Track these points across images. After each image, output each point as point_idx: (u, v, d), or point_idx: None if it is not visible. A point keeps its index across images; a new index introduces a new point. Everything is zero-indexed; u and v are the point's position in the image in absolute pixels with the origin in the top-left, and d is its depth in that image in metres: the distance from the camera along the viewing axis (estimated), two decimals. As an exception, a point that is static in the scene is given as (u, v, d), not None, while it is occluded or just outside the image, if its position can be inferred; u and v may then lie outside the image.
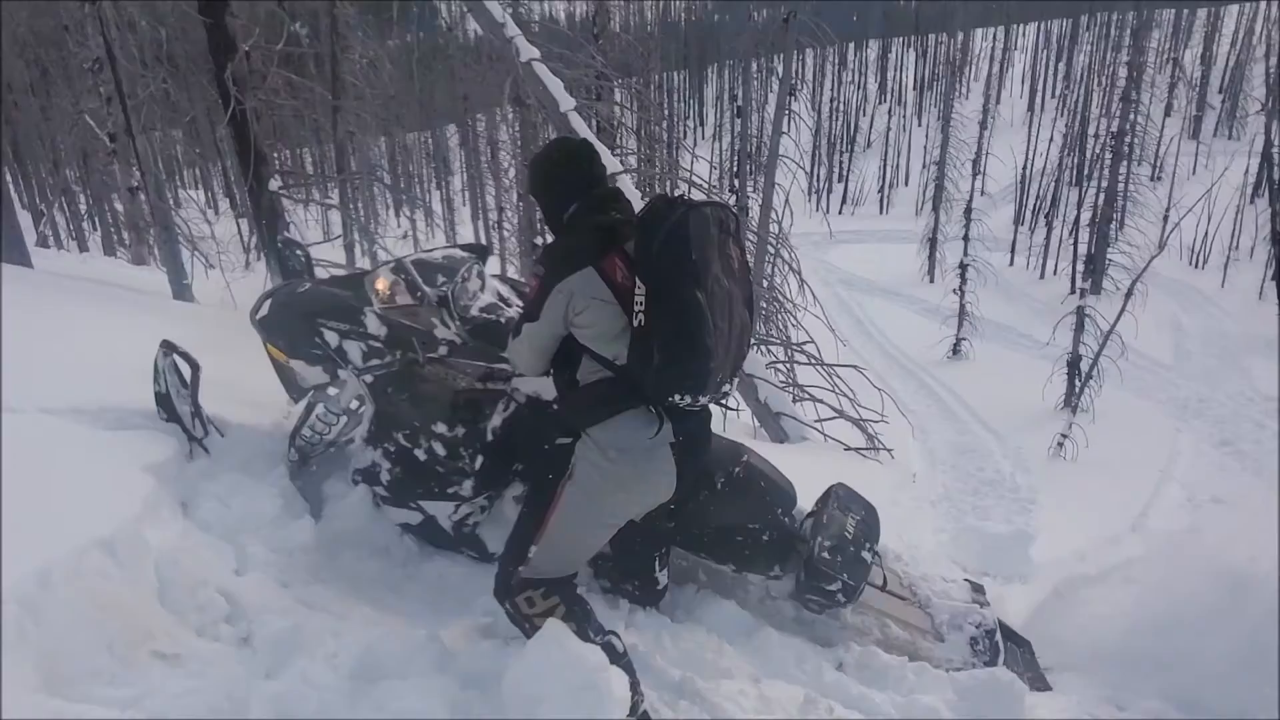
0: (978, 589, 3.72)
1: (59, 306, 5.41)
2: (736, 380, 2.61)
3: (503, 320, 3.21)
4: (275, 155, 9.75)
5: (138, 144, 9.34)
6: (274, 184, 8.11)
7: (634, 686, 2.50)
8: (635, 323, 2.36)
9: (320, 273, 4.07)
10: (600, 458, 2.53)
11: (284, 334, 3.30)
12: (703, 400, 2.49)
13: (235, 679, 2.23)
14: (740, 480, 3.21)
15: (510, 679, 2.39)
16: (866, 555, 3.24)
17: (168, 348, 3.19)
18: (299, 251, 3.83)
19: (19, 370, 3.46)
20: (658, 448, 2.53)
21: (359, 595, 3.00)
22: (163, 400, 3.22)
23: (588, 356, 2.54)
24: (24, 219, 11.37)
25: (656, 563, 3.08)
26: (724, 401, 2.75)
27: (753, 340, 8.31)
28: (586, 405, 2.56)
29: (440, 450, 3.06)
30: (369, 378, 3.12)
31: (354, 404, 3.26)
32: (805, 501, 3.48)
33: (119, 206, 14.74)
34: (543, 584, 2.64)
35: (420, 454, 3.07)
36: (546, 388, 2.94)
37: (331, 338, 3.15)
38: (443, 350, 3.11)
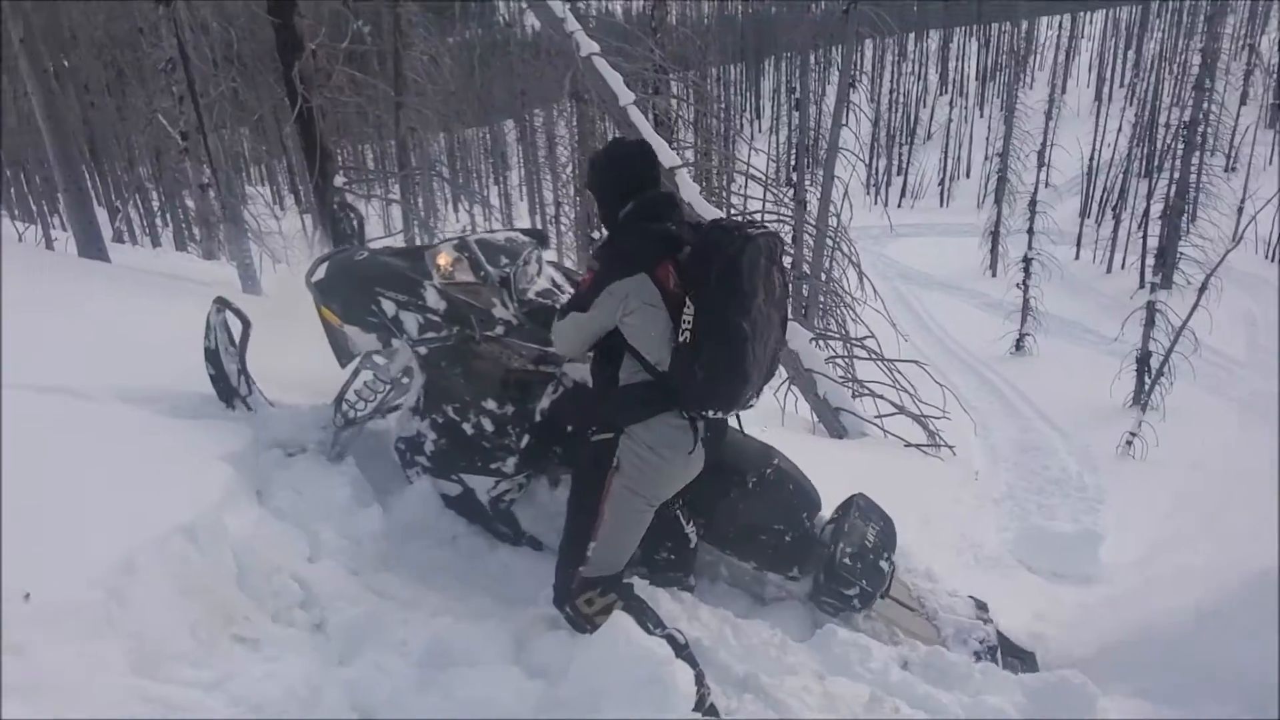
0: (981, 606, 3.74)
1: (135, 299, 5.59)
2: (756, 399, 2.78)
3: (557, 306, 3.21)
4: (339, 152, 9.93)
5: (209, 142, 9.59)
6: (339, 180, 8.27)
7: (699, 679, 2.52)
8: (681, 339, 2.51)
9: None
10: (647, 452, 2.66)
11: (340, 298, 3.29)
12: (731, 413, 2.69)
13: (311, 665, 2.28)
14: (770, 482, 3.27)
15: (576, 671, 2.41)
16: (884, 565, 3.30)
17: (221, 303, 3.26)
18: (352, 215, 3.91)
19: (99, 361, 3.59)
20: (692, 451, 2.70)
21: (427, 584, 3.04)
22: (211, 355, 3.28)
23: (630, 357, 2.67)
24: (100, 215, 11.75)
25: (681, 516, 3.14)
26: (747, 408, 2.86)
27: (811, 336, 8.27)
28: (626, 404, 2.68)
29: (488, 426, 3.11)
30: (423, 349, 3.15)
31: (401, 374, 3.31)
32: (827, 507, 3.52)
33: (190, 203, 15.14)
34: (599, 583, 2.72)
35: (468, 428, 3.11)
36: None
37: (389, 307, 3.15)
38: (499, 330, 3.15)
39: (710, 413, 2.63)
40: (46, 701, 1.70)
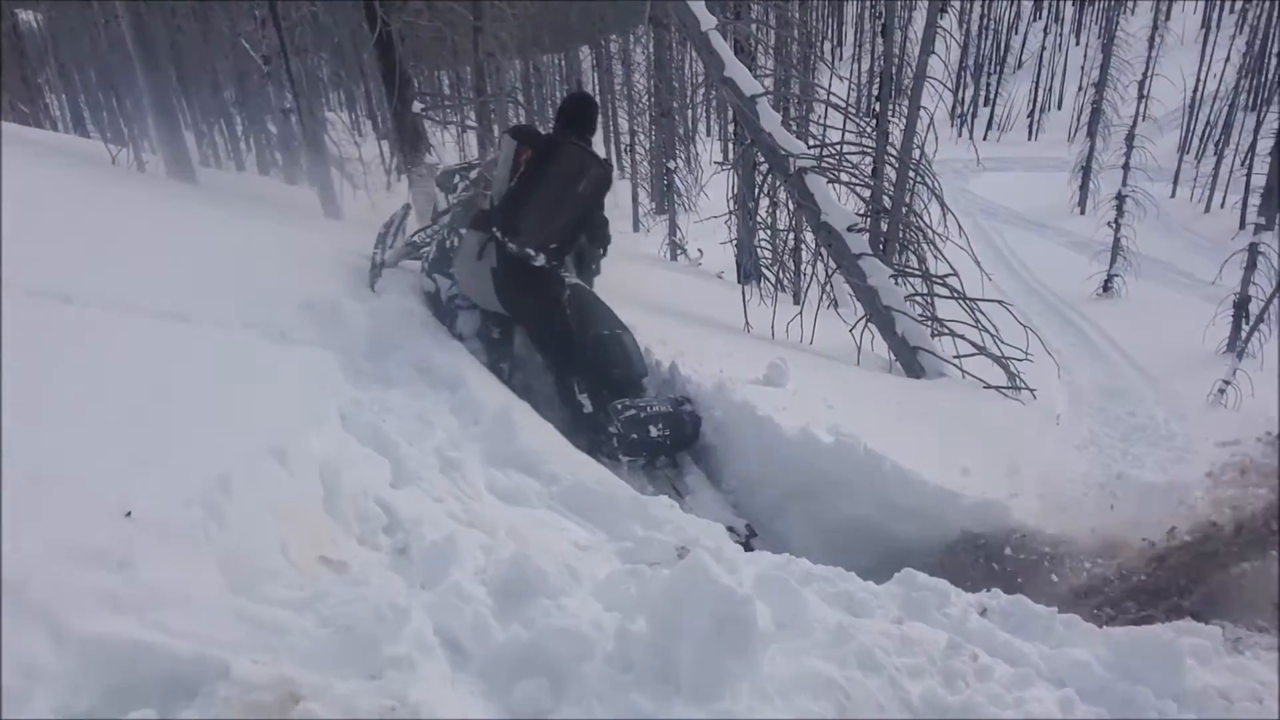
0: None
1: (222, 223, 5.70)
2: (542, 256, 4.26)
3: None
4: (416, 77, 9.90)
5: (290, 66, 9.64)
6: (417, 106, 8.26)
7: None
8: (511, 183, 4.31)
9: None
10: (462, 250, 4.62)
11: (442, 175, 5.26)
12: (511, 246, 4.22)
13: (396, 588, 2.33)
14: (622, 336, 4.65)
15: (652, 606, 2.41)
16: (654, 431, 4.30)
17: (406, 209, 5.56)
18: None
19: (191, 284, 3.67)
20: (482, 269, 4.45)
21: (507, 513, 3.09)
22: (383, 228, 5.32)
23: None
24: (187, 140, 11.96)
25: (575, 387, 4.48)
26: (537, 260, 4.28)
27: (891, 272, 8.05)
28: (468, 219, 4.66)
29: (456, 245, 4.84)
30: (456, 200, 4.95)
31: (446, 225, 5.01)
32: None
33: (272, 128, 15.33)
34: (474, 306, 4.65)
35: (447, 244, 4.88)
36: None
37: (458, 181, 5.06)
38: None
39: (497, 231, 4.24)
40: (154, 615, 1.77)
